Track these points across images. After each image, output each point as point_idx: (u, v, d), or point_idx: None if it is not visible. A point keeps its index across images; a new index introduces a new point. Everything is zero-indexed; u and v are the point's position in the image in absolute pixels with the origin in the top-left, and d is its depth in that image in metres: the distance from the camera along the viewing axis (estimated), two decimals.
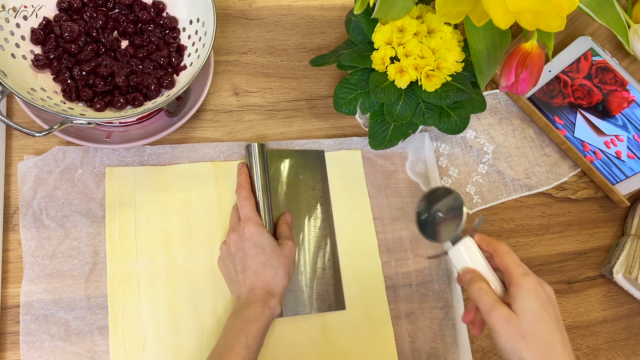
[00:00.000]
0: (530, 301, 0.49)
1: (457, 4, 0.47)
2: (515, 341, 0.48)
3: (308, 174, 0.67)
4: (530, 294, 0.49)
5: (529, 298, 0.49)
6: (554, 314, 0.50)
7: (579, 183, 0.77)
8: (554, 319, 0.49)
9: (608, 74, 0.70)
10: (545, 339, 0.48)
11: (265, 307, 0.54)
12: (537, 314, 0.48)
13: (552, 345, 0.48)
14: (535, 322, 0.48)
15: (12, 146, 0.61)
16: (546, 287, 0.51)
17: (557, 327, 0.49)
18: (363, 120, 0.73)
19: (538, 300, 0.49)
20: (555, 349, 0.48)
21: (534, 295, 0.49)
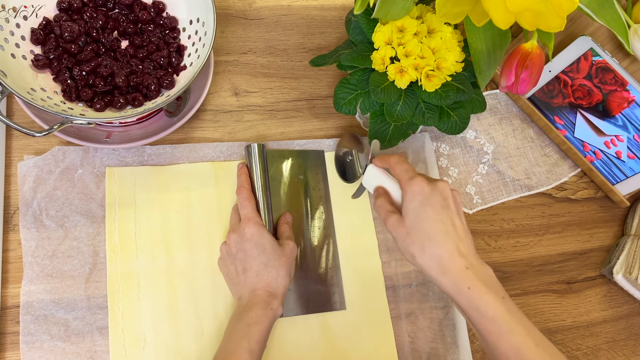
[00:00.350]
0: (413, 202, 0.52)
1: (457, 4, 0.47)
2: (404, 240, 0.52)
3: (308, 174, 0.68)
4: (414, 194, 0.52)
5: (412, 199, 0.52)
6: (441, 205, 0.51)
7: (579, 183, 0.77)
8: (439, 210, 0.51)
9: (608, 74, 0.70)
10: (426, 232, 0.50)
11: (267, 308, 0.54)
12: (418, 210, 0.51)
13: (432, 236, 0.50)
14: (416, 219, 0.51)
15: (12, 146, 0.61)
16: (439, 183, 0.53)
17: (441, 217, 0.51)
18: (363, 120, 0.73)
19: (421, 198, 0.52)
20: (435, 238, 0.50)
21: (418, 194, 0.52)
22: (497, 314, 0.47)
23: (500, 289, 0.49)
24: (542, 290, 0.72)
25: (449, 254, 0.49)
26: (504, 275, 0.71)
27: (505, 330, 0.47)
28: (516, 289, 0.71)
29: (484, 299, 0.48)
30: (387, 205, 0.55)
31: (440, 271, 0.50)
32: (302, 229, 0.65)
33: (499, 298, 0.48)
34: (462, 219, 0.53)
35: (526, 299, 0.71)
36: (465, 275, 0.48)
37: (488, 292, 0.48)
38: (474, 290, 0.48)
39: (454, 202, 0.53)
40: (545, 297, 0.72)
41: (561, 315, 0.72)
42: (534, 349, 0.46)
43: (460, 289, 0.48)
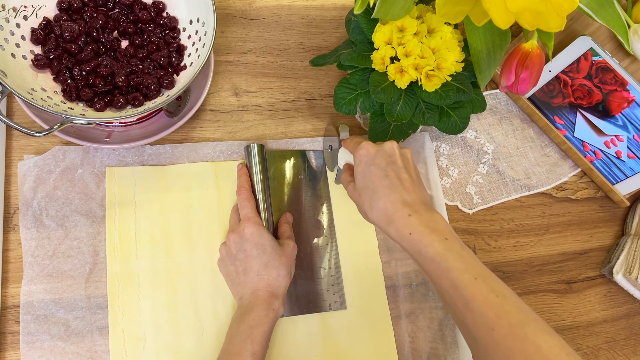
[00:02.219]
0: (360, 164, 0.55)
1: (457, 4, 0.47)
2: (358, 201, 0.55)
3: (308, 174, 0.68)
4: (361, 157, 0.55)
5: (359, 163, 0.55)
6: (386, 162, 0.53)
7: (579, 183, 0.77)
8: (383, 167, 0.53)
9: (608, 74, 0.70)
10: (371, 189, 0.53)
11: (269, 309, 0.54)
12: (365, 171, 0.54)
13: (377, 191, 0.52)
14: (363, 179, 0.54)
15: (12, 146, 0.61)
16: (386, 144, 0.55)
17: (385, 172, 0.53)
18: (363, 120, 0.73)
19: (366, 159, 0.54)
20: (379, 192, 0.52)
21: (364, 156, 0.54)
22: (435, 254, 0.48)
23: (445, 231, 0.49)
24: (542, 290, 0.72)
25: (392, 204, 0.50)
26: (504, 275, 0.71)
27: (443, 267, 0.47)
28: (516, 289, 0.71)
29: (424, 241, 0.48)
30: (347, 177, 0.58)
31: (387, 222, 0.51)
32: (302, 229, 0.65)
33: (441, 239, 0.48)
34: (410, 172, 0.54)
35: (526, 299, 0.71)
36: (408, 222, 0.49)
37: (429, 235, 0.48)
38: (414, 234, 0.49)
39: (402, 158, 0.54)
40: (545, 297, 0.72)
41: (561, 315, 0.72)
42: (472, 282, 0.46)
43: (403, 235, 0.50)
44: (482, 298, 0.45)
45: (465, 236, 0.71)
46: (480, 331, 0.45)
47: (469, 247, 0.71)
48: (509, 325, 0.43)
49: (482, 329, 0.44)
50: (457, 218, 0.72)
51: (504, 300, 0.45)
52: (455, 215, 0.72)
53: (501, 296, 0.45)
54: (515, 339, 0.43)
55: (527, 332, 0.43)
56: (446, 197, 0.72)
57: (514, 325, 0.43)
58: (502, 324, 0.43)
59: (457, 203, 0.73)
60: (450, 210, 0.72)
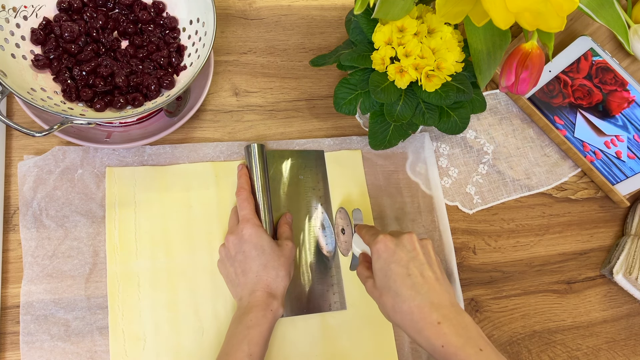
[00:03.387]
0: (379, 261, 0.51)
1: (457, 4, 0.47)
2: (379, 301, 0.51)
3: (308, 174, 0.67)
4: (379, 253, 0.51)
5: (378, 259, 0.51)
6: (407, 258, 0.50)
7: (579, 183, 0.77)
8: (405, 264, 0.50)
9: (608, 74, 0.70)
10: (393, 290, 0.49)
11: (267, 310, 0.54)
12: (384, 269, 0.50)
13: (400, 293, 0.49)
14: (384, 278, 0.50)
15: (12, 146, 0.61)
16: (404, 236, 0.52)
17: (407, 271, 0.49)
18: (363, 120, 0.73)
19: (385, 255, 0.51)
20: (403, 295, 0.48)
21: (382, 252, 0.51)
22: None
23: (479, 339, 0.46)
24: (542, 290, 0.72)
25: (419, 309, 0.47)
26: (504, 275, 0.71)
27: None
28: (516, 289, 0.71)
29: (459, 355, 0.45)
30: (365, 271, 0.55)
31: (413, 328, 0.48)
32: (302, 229, 0.65)
33: (476, 351, 0.45)
34: (433, 267, 0.51)
35: (526, 299, 0.71)
36: (438, 332, 0.46)
37: (463, 348, 0.45)
38: (447, 347, 0.45)
39: (424, 251, 0.51)
40: (545, 297, 0.72)
41: (561, 315, 0.72)
42: None
43: (435, 347, 0.46)
44: None
45: (465, 236, 0.71)
46: None
47: (469, 247, 0.71)
48: None
49: None
50: (457, 218, 0.72)
51: None
52: (455, 215, 0.72)
53: None
54: None
55: None
56: (446, 197, 0.72)
57: None
58: None
59: (457, 203, 0.73)
60: (450, 210, 0.72)
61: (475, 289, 0.69)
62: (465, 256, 0.70)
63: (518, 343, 0.69)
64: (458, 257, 0.70)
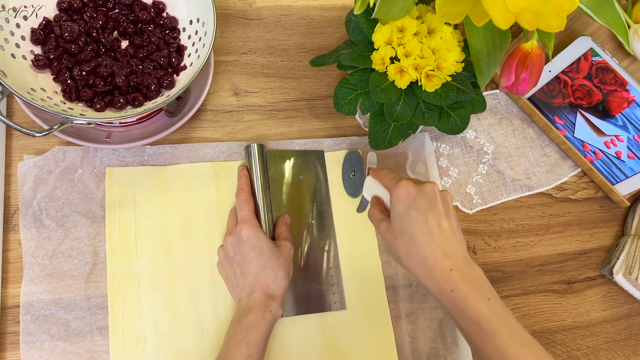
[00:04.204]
0: (399, 205, 0.52)
1: (457, 4, 0.47)
2: (392, 244, 0.52)
3: (308, 174, 0.67)
4: (399, 198, 0.52)
5: (398, 203, 0.52)
6: (427, 207, 0.51)
7: (579, 183, 0.77)
8: (424, 212, 0.51)
9: (608, 74, 0.70)
10: (410, 235, 0.50)
11: (266, 311, 0.54)
12: (403, 214, 0.51)
13: (416, 238, 0.50)
14: (401, 223, 0.51)
15: (12, 146, 0.61)
16: (426, 185, 0.53)
17: (425, 219, 0.50)
18: (363, 120, 0.73)
19: (406, 201, 0.52)
20: (418, 241, 0.50)
21: (403, 197, 0.52)
22: (480, 316, 0.46)
23: (487, 290, 0.48)
24: (542, 290, 0.72)
25: (432, 255, 0.49)
26: (504, 275, 0.71)
27: (488, 332, 0.46)
28: (516, 289, 0.71)
29: (468, 301, 0.47)
30: (378, 214, 0.56)
31: (425, 274, 0.49)
32: (302, 229, 0.65)
33: (484, 300, 0.47)
34: (450, 219, 0.52)
35: (526, 299, 0.71)
36: (449, 278, 0.48)
37: (472, 294, 0.47)
38: (457, 292, 0.47)
39: (443, 202, 0.52)
40: (545, 297, 0.72)
41: (561, 315, 0.72)
42: (518, 350, 0.45)
43: (444, 292, 0.48)
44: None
45: (465, 236, 0.71)
46: None
47: (469, 247, 0.71)
48: None
49: None
50: (457, 218, 0.72)
51: None
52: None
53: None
54: None
55: None
56: None
57: None
58: None
59: (457, 203, 0.73)
60: None
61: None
62: None
63: None
64: None
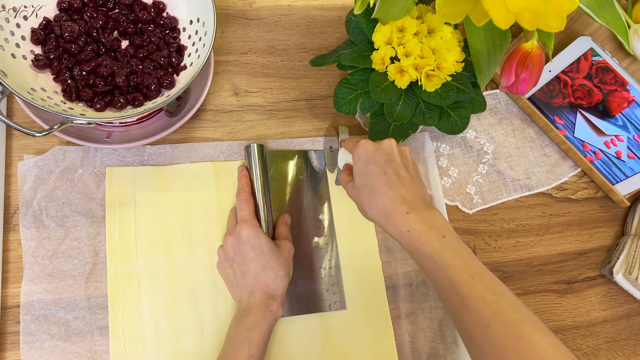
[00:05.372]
0: (359, 163, 0.54)
1: (457, 4, 0.47)
2: (357, 199, 0.54)
3: (308, 174, 0.67)
4: (359, 156, 0.54)
5: (357, 161, 0.54)
6: (385, 160, 0.53)
7: (579, 183, 0.77)
8: (382, 164, 0.53)
9: (608, 74, 0.70)
10: (370, 187, 0.52)
11: (266, 311, 0.54)
12: (363, 169, 0.54)
13: (376, 189, 0.52)
14: (362, 177, 0.54)
15: (12, 146, 0.61)
16: (384, 142, 0.55)
17: (383, 170, 0.52)
18: (363, 120, 0.73)
19: (365, 157, 0.54)
20: (378, 190, 0.52)
21: (362, 154, 0.54)
22: (432, 251, 0.47)
23: (444, 229, 0.49)
24: (542, 290, 0.72)
25: (391, 202, 0.50)
26: (504, 275, 0.71)
27: (440, 265, 0.47)
28: (516, 289, 0.71)
29: (422, 238, 0.48)
30: (346, 176, 0.58)
31: (385, 219, 0.51)
32: (302, 229, 0.65)
33: (439, 236, 0.48)
34: (409, 169, 0.54)
35: (526, 299, 0.71)
36: (406, 220, 0.49)
37: (427, 232, 0.48)
38: (412, 232, 0.49)
39: (401, 155, 0.54)
40: (545, 297, 0.72)
41: (561, 315, 0.72)
42: (469, 281, 0.46)
43: (401, 233, 0.49)
44: (477, 296, 0.45)
45: (465, 236, 0.71)
46: (476, 329, 0.45)
47: (469, 247, 0.71)
48: (504, 324, 0.43)
49: (477, 327, 0.44)
50: (457, 218, 0.72)
51: (500, 299, 0.45)
52: (455, 215, 0.72)
53: (497, 294, 0.45)
54: (509, 337, 0.43)
55: (522, 331, 0.43)
56: (446, 197, 0.72)
57: (509, 323, 0.43)
58: (497, 322, 0.43)
59: (457, 203, 0.73)
60: (450, 210, 0.72)
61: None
62: None
63: None
64: None
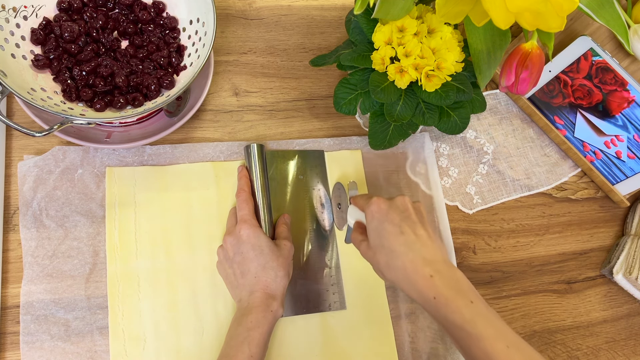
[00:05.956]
0: (372, 222, 0.53)
1: (457, 4, 0.47)
2: (373, 260, 0.53)
3: (308, 174, 0.67)
4: (373, 214, 0.53)
5: (371, 220, 0.53)
6: (400, 218, 0.51)
7: (579, 183, 0.77)
8: (398, 223, 0.51)
9: (608, 74, 0.70)
10: (387, 247, 0.51)
11: (267, 311, 0.54)
12: (378, 229, 0.52)
13: (394, 250, 0.50)
14: (378, 237, 0.52)
15: (12, 146, 0.61)
16: (397, 198, 0.53)
17: (400, 229, 0.51)
18: (363, 120, 0.73)
19: (379, 216, 0.52)
20: (396, 251, 0.50)
21: (376, 213, 0.53)
22: (464, 321, 0.46)
23: (470, 293, 0.48)
24: (542, 290, 0.72)
25: (412, 264, 0.49)
26: (504, 275, 0.71)
27: (473, 336, 0.45)
28: (516, 289, 0.71)
29: (450, 307, 0.46)
30: (359, 236, 0.56)
31: (407, 283, 0.49)
32: (302, 228, 0.65)
33: (467, 303, 0.47)
34: (426, 227, 0.52)
35: (526, 299, 0.71)
36: (430, 285, 0.47)
37: (454, 299, 0.46)
38: (439, 298, 0.47)
39: (416, 212, 0.53)
40: (545, 297, 0.72)
41: (561, 315, 0.72)
42: (505, 351, 0.44)
43: (427, 299, 0.48)
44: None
45: (465, 236, 0.71)
46: None
47: (469, 247, 0.71)
48: None
49: None
50: (457, 218, 0.72)
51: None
52: (455, 215, 0.72)
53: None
54: None
55: None
56: (446, 197, 0.72)
57: None
58: None
59: (457, 203, 0.73)
60: (450, 210, 0.72)
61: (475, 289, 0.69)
62: (465, 256, 0.70)
63: None
64: (458, 257, 0.70)
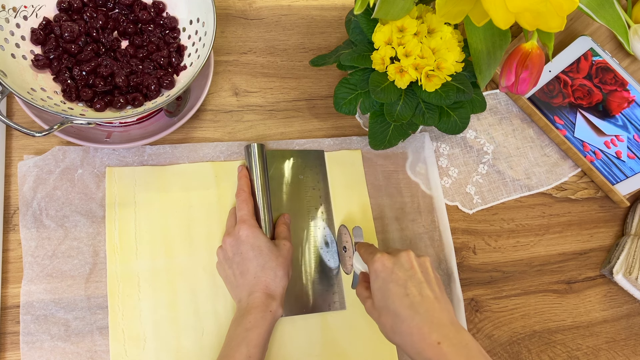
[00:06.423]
0: (377, 281, 0.51)
1: (457, 4, 0.47)
2: (378, 322, 0.51)
3: (308, 174, 0.67)
4: (377, 273, 0.51)
5: (376, 278, 0.51)
6: (405, 277, 0.49)
7: (579, 183, 0.77)
8: (403, 283, 0.49)
9: (608, 74, 0.70)
10: (392, 310, 0.49)
11: (266, 311, 0.54)
12: (382, 289, 0.50)
13: (399, 314, 0.48)
14: (382, 299, 0.50)
15: (12, 146, 0.61)
16: (401, 254, 0.51)
17: (405, 291, 0.48)
18: (363, 120, 0.73)
19: (383, 275, 0.50)
20: (402, 315, 0.48)
21: (380, 272, 0.51)
22: None
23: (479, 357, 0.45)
24: (542, 290, 0.72)
25: (418, 330, 0.47)
26: (504, 275, 0.71)
27: None
28: (516, 289, 0.71)
29: None
30: (364, 291, 0.55)
31: (414, 350, 0.47)
32: (302, 228, 0.65)
33: None
34: (432, 285, 0.50)
35: (526, 299, 0.71)
36: (439, 353, 0.45)
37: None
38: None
39: (422, 269, 0.51)
40: (545, 297, 0.72)
41: (561, 315, 0.72)
42: None
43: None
44: None
45: (465, 236, 0.71)
46: None
47: (469, 247, 0.71)
48: None
49: None
50: (457, 218, 0.72)
51: None
52: (455, 215, 0.72)
53: None
54: None
55: None
56: (446, 197, 0.72)
57: None
58: None
59: (457, 203, 0.73)
60: (450, 210, 0.72)
61: (475, 289, 0.69)
62: (465, 256, 0.71)
63: (518, 343, 0.69)
64: (458, 257, 0.70)
